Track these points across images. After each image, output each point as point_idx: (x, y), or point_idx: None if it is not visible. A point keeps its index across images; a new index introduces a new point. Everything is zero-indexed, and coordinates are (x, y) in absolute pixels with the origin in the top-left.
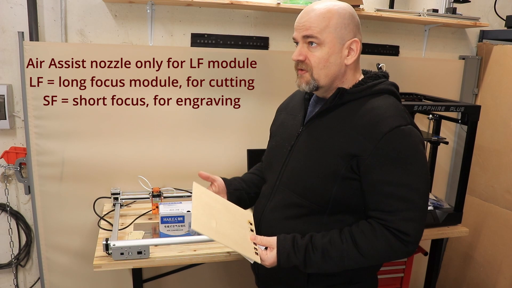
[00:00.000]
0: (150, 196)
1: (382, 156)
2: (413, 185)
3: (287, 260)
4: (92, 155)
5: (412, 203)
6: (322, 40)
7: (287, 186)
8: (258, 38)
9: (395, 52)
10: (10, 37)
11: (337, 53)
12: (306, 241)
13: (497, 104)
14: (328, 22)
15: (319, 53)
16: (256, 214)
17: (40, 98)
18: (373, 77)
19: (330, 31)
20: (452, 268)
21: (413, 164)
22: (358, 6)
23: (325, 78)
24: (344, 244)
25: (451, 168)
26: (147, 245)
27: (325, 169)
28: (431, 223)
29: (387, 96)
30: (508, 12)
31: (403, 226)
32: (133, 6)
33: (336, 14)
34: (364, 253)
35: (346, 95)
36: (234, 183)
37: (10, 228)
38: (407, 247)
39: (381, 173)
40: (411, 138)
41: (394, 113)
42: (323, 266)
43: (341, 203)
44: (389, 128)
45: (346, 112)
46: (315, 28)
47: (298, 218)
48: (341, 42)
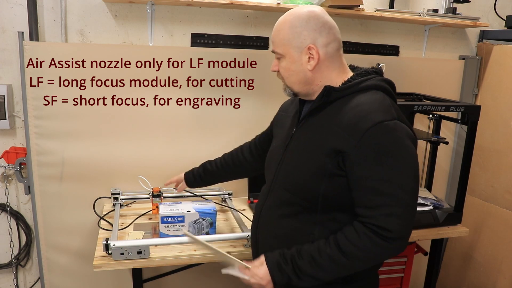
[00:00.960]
0: (150, 196)
1: (365, 151)
2: (397, 180)
3: (279, 271)
4: (92, 155)
5: (394, 199)
6: (281, 53)
7: (281, 185)
8: (258, 38)
9: (395, 52)
10: (10, 37)
11: (297, 62)
12: (292, 251)
13: (497, 104)
14: (280, 35)
15: (283, 64)
16: (255, 212)
17: (40, 98)
18: (363, 73)
19: (283, 43)
20: (452, 268)
21: (398, 160)
22: (358, 6)
23: (295, 85)
24: (328, 249)
25: (451, 168)
26: (147, 245)
27: (313, 166)
28: (431, 223)
29: (375, 91)
30: (508, 12)
31: (384, 222)
32: (133, 6)
33: (288, 25)
34: (348, 256)
35: (333, 93)
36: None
37: (10, 228)
38: (390, 243)
39: (364, 168)
40: (395, 133)
41: (378, 108)
42: (313, 273)
43: (331, 200)
44: (372, 123)
45: (334, 110)
46: (274, 43)
47: (292, 216)
48: (297, 50)
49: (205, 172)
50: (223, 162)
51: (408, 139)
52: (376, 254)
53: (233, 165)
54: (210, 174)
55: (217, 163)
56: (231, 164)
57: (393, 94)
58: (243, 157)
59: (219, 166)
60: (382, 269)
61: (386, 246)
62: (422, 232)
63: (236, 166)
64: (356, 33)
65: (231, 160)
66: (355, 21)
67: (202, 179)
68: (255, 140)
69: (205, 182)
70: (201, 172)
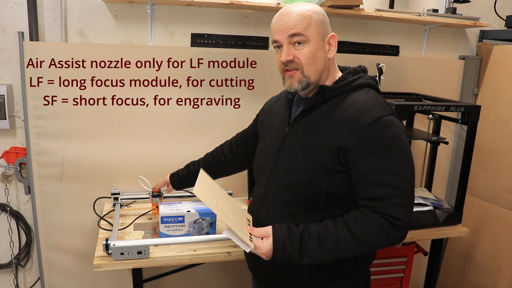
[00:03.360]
0: (150, 196)
1: (367, 146)
2: (399, 172)
3: (282, 249)
4: (92, 155)
5: (399, 189)
6: (308, 37)
7: (279, 185)
8: (258, 38)
9: (395, 52)
10: (10, 37)
11: (322, 48)
12: (301, 229)
13: (497, 104)
14: (310, 20)
15: (307, 50)
16: (251, 215)
17: (40, 98)
18: (352, 72)
19: (313, 27)
20: (452, 268)
21: (397, 152)
22: (358, 6)
23: (314, 74)
24: (339, 229)
25: (451, 168)
26: (147, 245)
27: (314, 164)
28: (431, 223)
29: (367, 89)
30: (508, 12)
31: (393, 211)
32: (133, 6)
33: (314, 12)
34: (358, 238)
35: (328, 91)
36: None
37: (10, 228)
38: (400, 232)
39: (368, 162)
40: (393, 128)
41: (375, 105)
42: (319, 253)
43: (332, 196)
44: (372, 119)
45: (329, 108)
46: (300, 26)
47: (293, 216)
48: (322, 37)
49: (188, 173)
50: (205, 162)
51: (403, 133)
52: (384, 240)
53: (214, 164)
54: (194, 175)
55: (199, 163)
56: (213, 163)
57: (379, 91)
58: (224, 156)
59: (202, 166)
60: (382, 269)
61: (396, 234)
62: (422, 232)
63: (217, 165)
64: (356, 33)
65: (213, 160)
66: (355, 21)
67: (186, 181)
68: (236, 138)
69: (190, 183)
70: (185, 174)
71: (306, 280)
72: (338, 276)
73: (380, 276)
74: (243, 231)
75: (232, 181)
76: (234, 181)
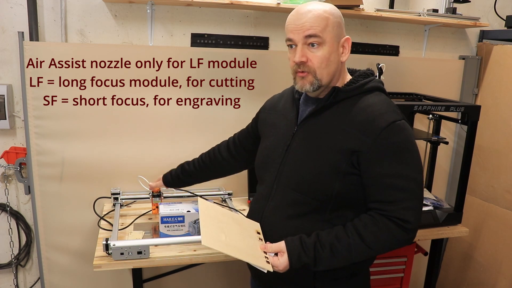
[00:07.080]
0: (150, 196)
1: (381, 150)
2: (411, 175)
3: (298, 261)
4: (92, 155)
5: (410, 193)
6: (323, 39)
7: (287, 185)
8: (258, 38)
9: (395, 52)
10: (10, 37)
11: (335, 51)
12: (313, 239)
13: (497, 104)
14: (327, 22)
15: (321, 53)
16: (254, 215)
17: (40, 98)
18: (363, 75)
19: (329, 30)
20: (452, 268)
21: (409, 156)
22: (358, 6)
23: (327, 77)
24: (350, 238)
25: (451, 168)
26: (147, 245)
27: (326, 166)
28: (431, 223)
29: (378, 93)
30: (508, 12)
31: (404, 214)
32: (133, 6)
33: (331, 14)
34: (369, 244)
35: (340, 93)
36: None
37: (10, 228)
38: (409, 234)
39: (381, 166)
40: (406, 132)
41: (388, 109)
42: (332, 261)
43: (343, 198)
44: (386, 124)
45: (341, 110)
46: (317, 27)
47: (301, 216)
48: (337, 40)
49: (183, 172)
50: (201, 162)
51: (413, 137)
52: (394, 244)
53: (210, 164)
54: (188, 175)
55: (194, 163)
56: (209, 163)
57: (388, 95)
58: (221, 156)
59: (197, 166)
60: (382, 269)
61: (405, 237)
62: (422, 232)
63: (213, 165)
64: (356, 33)
65: (209, 160)
66: (355, 21)
67: (180, 180)
68: (233, 138)
69: (183, 182)
70: (179, 173)
71: (310, 282)
72: (341, 276)
73: (380, 276)
74: (257, 256)
75: (232, 181)
76: (234, 181)
